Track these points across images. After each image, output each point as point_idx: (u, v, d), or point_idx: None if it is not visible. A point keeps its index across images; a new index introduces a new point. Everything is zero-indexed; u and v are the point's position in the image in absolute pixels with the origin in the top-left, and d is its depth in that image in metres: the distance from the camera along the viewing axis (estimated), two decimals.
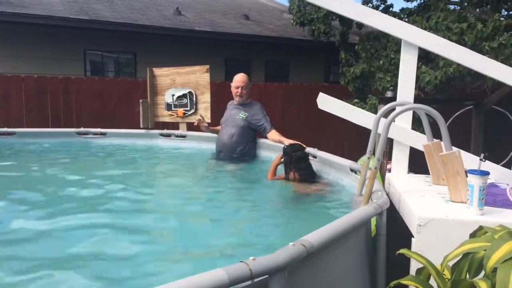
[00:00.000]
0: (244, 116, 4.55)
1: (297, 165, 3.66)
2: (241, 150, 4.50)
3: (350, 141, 7.93)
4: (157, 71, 5.60)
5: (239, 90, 4.58)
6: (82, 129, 5.52)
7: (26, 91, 7.06)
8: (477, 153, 2.78)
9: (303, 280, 1.57)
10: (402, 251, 1.67)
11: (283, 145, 3.91)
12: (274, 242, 2.32)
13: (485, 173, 2.00)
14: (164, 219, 2.80)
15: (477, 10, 6.69)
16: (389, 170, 3.12)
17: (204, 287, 1.15)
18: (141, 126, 5.60)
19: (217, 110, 5.12)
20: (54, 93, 7.19)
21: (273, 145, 4.39)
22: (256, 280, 1.29)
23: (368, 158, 2.52)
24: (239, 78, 4.64)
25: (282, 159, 3.77)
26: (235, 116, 4.59)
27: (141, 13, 10.13)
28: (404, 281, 1.57)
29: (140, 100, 5.62)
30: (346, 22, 8.18)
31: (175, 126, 5.68)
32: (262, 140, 4.61)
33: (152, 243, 2.36)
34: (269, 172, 3.81)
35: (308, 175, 3.67)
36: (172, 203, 3.24)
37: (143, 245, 2.29)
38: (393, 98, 4.18)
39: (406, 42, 2.89)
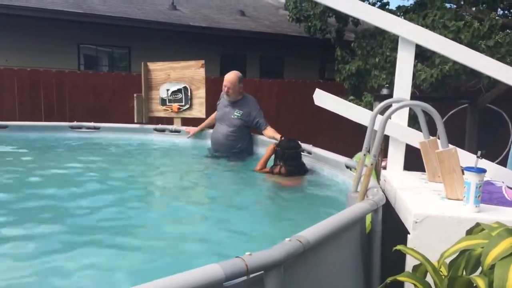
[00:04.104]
0: (239, 115, 4.49)
1: (288, 161, 3.68)
2: (239, 148, 4.48)
3: (345, 138, 7.93)
4: (152, 66, 5.56)
5: (226, 89, 4.52)
6: (75, 123, 5.46)
7: (19, 84, 7.00)
8: (471, 151, 2.78)
9: (299, 276, 1.56)
10: (399, 247, 1.65)
11: (279, 139, 3.93)
12: (270, 238, 2.31)
13: (482, 171, 1.99)
14: (158, 215, 2.78)
15: (474, 9, 6.71)
16: (384, 168, 3.11)
17: (200, 282, 1.13)
18: (135, 120, 5.55)
19: (212, 105, 5.07)
20: (47, 87, 7.14)
21: (268, 141, 4.36)
22: (252, 275, 1.28)
23: (364, 155, 2.51)
24: (227, 77, 4.53)
25: (277, 149, 3.78)
26: (229, 115, 4.53)
27: (136, 7, 10.06)
28: (400, 278, 1.56)
29: (135, 95, 5.57)
30: (342, 19, 8.17)
31: (169, 121, 5.64)
32: (258, 136, 4.58)
33: (146, 238, 2.33)
34: (259, 163, 3.87)
35: (296, 170, 3.68)
36: (167, 199, 3.22)
37: (137, 241, 2.27)
38: (389, 96, 4.17)
39: (403, 39, 2.88)
